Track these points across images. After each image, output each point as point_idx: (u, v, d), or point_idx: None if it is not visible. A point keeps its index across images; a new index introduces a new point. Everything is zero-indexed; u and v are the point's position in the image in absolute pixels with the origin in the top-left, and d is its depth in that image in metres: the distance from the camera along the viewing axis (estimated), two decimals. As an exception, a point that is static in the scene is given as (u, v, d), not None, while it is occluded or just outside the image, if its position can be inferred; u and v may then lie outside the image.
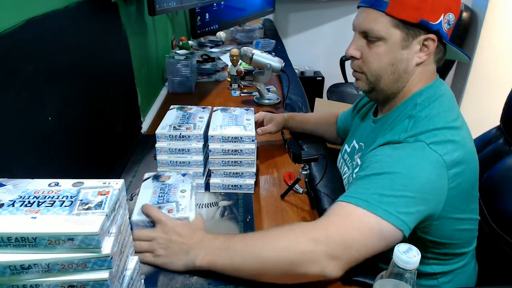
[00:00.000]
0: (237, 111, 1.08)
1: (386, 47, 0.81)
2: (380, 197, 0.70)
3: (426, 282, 0.88)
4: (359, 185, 0.74)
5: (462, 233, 0.84)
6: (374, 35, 0.81)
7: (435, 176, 0.73)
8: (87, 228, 0.45)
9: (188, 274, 0.74)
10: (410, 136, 0.77)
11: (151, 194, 0.84)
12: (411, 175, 0.71)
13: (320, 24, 3.40)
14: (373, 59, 0.83)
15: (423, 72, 0.84)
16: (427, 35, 0.79)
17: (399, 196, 0.70)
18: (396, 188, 0.70)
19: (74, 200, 0.49)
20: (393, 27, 0.79)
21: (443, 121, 0.77)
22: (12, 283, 0.46)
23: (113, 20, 1.11)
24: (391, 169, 0.73)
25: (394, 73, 0.83)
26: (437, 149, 0.73)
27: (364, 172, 0.77)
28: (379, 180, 0.72)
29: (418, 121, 0.79)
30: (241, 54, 1.52)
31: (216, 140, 0.96)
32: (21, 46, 0.66)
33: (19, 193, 0.51)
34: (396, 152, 0.76)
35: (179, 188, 0.86)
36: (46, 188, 0.52)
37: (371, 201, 0.70)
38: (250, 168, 0.99)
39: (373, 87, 0.87)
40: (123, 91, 1.22)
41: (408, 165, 0.73)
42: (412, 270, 0.55)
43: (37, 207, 0.48)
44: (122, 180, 0.54)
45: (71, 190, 0.51)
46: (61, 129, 0.79)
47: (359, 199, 0.71)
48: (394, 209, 0.69)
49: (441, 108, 0.80)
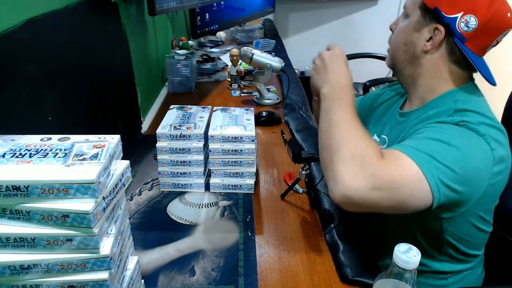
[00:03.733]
0: (237, 111, 1.09)
1: (406, 24, 0.85)
2: (430, 158, 0.69)
3: (436, 282, 0.87)
4: (413, 141, 0.74)
5: (480, 234, 0.84)
6: (407, 11, 0.86)
7: (483, 166, 0.73)
8: (84, 175, 0.43)
9: (188, 274, 0.74)
10: (463, 121, 0.75)
11: (174, 116, 1.03)
12: (466, 154, 0.71)
13: (320, 24, 3.40)
14: (396, 33, 0.89)
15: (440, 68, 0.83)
16: (437, 25, 0.79)
17: (447, 167, 0.69)
18: (448, 159, 0.70)
19: (68, 152, 0.47)
20: (417, 7, 0.82)
21: (490, 119, 0.77)
22: (12, 283, 0.46)
23: (113, 20, 1.11)
24: (449, 140, 0.72)
25: (406, 53, 0.86)
26: (489, 141, 0.73)
27: (418, 135, 0.76)
28: (434, 145, 0.71)
29: (467, 114, 0.77)
30: (241, 54, 1.52)
31: (216, 140, 0.96)
32: (21, 46, 0.67)
33: (9, 147, 0.48)
34: (453, 129, 0.75)
35: (198, 115, 1.04)
36: (39, 142, 0.50)
37: (421, 156, 0.69)
38: (250, 168, 1.00)
39: (393, 63, 0.91)
40: (123, 91, 1.22)
41: (465, 144, 0.71)
42: (412, 270, 0.55)
43: (29, 157, 0.46)
44: (118, 135, 0.52)
45: (65, 143, 0.49)
46: (61, 129, 0.78)
47: (411, 149, 0.71)
48: (437, 174, 0.68)
49: (484, 109, 0.79)
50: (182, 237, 0.86)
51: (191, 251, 0.82)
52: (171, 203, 0.97)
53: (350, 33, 3.32)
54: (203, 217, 0.92)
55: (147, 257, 0.79)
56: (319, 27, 3.40)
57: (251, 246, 0.83)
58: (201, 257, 0.80)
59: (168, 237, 0.85)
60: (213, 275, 0.75)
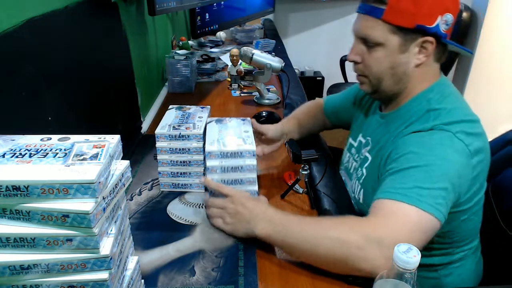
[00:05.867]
0: (233, 122, 1.03)
1: (385, 52, 0.83)
2: (419, 190, 0.72)
3: (427, 274, 0.89)
4: (396, 180, 0.76)
5: (467, 224, 0.86)
6: (372, 41, 0.83)
7: (463, 165, 0.76)
8: (83, 175, 0.43)
9: (188, 274, 0.74)
10: (436, 125, 0.79)
11: (173, 117, 1.02)
12: (445, 166, 0.74)
13: (320, 24, 3.40)
14: (373, 64, 0.85)
15: (425, 72, 0.85)
16: (425, 38, 0.80)
17: (437, 188, 0.72)
18: (434, 180, 0.73)
19: (68, 152, 0.47)
20: (390, 33, 0.81)
21: (462, 114, 0.80)
22: (12, 283, 0.46)
23: (113, 20, 1.11)
24: (426, 161, 0.74)
25: (394, 76, 0.85)
26: (463, 139, 0.76)
27: (397, 166, 0.78)
28: (416, 173, 0.74)
29: (439, 114, 0.80)
30: (241, 54, 1.52)
31: (214, 157, 0.90)
32: (21, 46, 0.66)
33: (9, 147, 0.48)
34: (425, 142, 0.78)
35: (197, 115, 1.03)
36: (39, 142, 0.50)
37: (410, 195, 0.71)
38: (252, 186, 0.93)
39: (376, 89, 0.89)
40: (123, 91, 1.22)
41: (441, 155, 0.75)
42: (412, 270, 0.55)
43: (29, 158, 0.46)
44: (118, 135, 0.52)
45: (65, 143, 0.49)
46: (61, 129, 0.78)
47: (398, 193, 0.72)
48: (434, 200, 0.71)
49: (456, 103, 0.83)
50: (182, 237, 0.86)
51: (191, 251, 0.82)
52: (171, 203, 0.97)
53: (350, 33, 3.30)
54: (203, 217, 0.92)
55: (147, 257, 0.79)
56: (319, 27, 3.40)
57: (251, 246, 0.83)
58: (201, 257, 0.80)
59: (168, 237, 0.85)
60: (213, 275, 0.75)
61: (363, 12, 0.84)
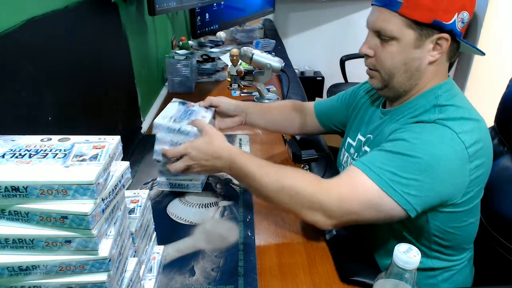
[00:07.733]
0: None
1: (399, 46, 0.81)
2: (392, 175, 0.73)
3: (426, 281, 0.88)
4: (378, 158, 0.77)
5: (467, 227, 0.85)
6: (387, 35, 0.81)
7: (456, 166, 0.75)
8: (82, 176, 0.43)
9: (188, 274, 0.74)
10: (440, 119, 0.78)
11: (176, 110, 0.99)
12: (431, 163, 0.73)
13: (320, 24, 3.39)
14: (386, 58, 0.84)
15: (436, 70, 0.84)
16: (441, 34, 0.79)
17: (411, 179, 0.73)
18: (411, 172, 0.73)
19: (68, 153, 0.47)
20: (406, 27, 0.79)
21: (468, 113, 0.80)
22: (11, 284, 0.46)
23: (113, 20, 1.11)
24: (414, 152, 0.74)
25: (406, 72, 0.83)
26: (465, 139, 0.75)
27: (388, 146, 0.78)
28: (398, 160, 0.75)
29: (446, 109, 0.80)
30: (241, 54, 1.51)
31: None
32: (21, 46, 0.66)
33: (9, 147, 0.48)
34: (424, 134, 0.77)
35: (200, 114, 0.99)
36: (38, 142, 0.50)
37: (382, 177, 0.74)
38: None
39: (386, 84, 0.87)
40: (123, 91, 1.22)
41: (432, 152, 0.74)
42: (412, 270, 0.55)
43: (28, 158, 0.46)
44: (118, 136, 0.52)
45: (65, 144, 0.49)
46: (61, 129, 0.78)
47: (373, 171, 0.75)
48: (401, 189, 0.73)
49: (464, 103, 0.82)
50: (182, 237, 0.86)
51: (191, 251, 0.82)
52: (171, 203, 0.97)
53: (350, 33, 3.32)
54: (203, 217, 0.92)
55: (147, 258, 0.79)
56: (319, 27, 3.40)
57: (251, 246, 0.83)
58: (201, 257, 0.80)
59: (168, 237, 0.85)
60: (213, 275, 0.75)
61: (379, 4, 0.81)
